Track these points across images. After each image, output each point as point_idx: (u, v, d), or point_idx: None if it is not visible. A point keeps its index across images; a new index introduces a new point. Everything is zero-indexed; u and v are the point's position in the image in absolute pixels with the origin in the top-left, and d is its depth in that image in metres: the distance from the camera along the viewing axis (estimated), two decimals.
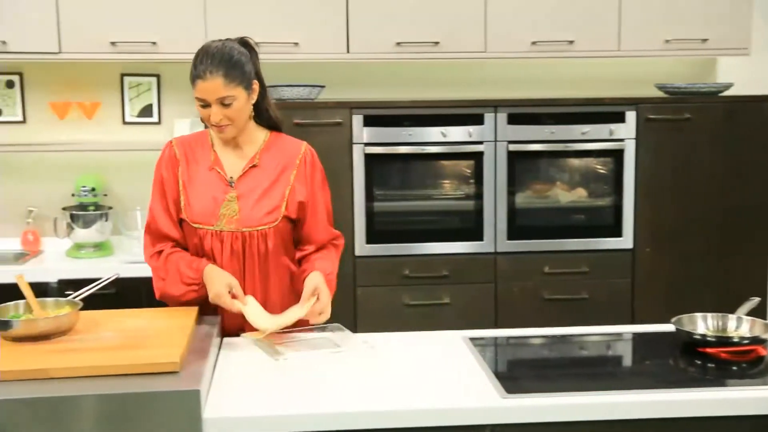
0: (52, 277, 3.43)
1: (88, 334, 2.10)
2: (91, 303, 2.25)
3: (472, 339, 2.34)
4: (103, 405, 1.76)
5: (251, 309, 2.31)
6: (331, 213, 2.57)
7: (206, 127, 2.47)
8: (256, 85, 2.40)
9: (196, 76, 2.29)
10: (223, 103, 2.29)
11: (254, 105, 2.44)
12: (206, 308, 2.36)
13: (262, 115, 2.49)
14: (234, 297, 2.30)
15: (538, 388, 1.98)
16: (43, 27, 3.59)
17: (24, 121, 3.98)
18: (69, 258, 3.74)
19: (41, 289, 2.24)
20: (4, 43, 3.59)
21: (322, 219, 2.51)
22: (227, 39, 2.40)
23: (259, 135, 2.48)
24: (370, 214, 3.71)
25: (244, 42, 2.42)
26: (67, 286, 3.28)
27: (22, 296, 2.19)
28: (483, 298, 3.80)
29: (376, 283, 3.75)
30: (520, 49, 3.82)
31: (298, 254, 2.52)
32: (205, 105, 2.31)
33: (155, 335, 2.08)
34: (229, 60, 2.30)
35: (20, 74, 3.94)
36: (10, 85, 3.93)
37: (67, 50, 3.63)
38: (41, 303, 2.18)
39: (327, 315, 2.35)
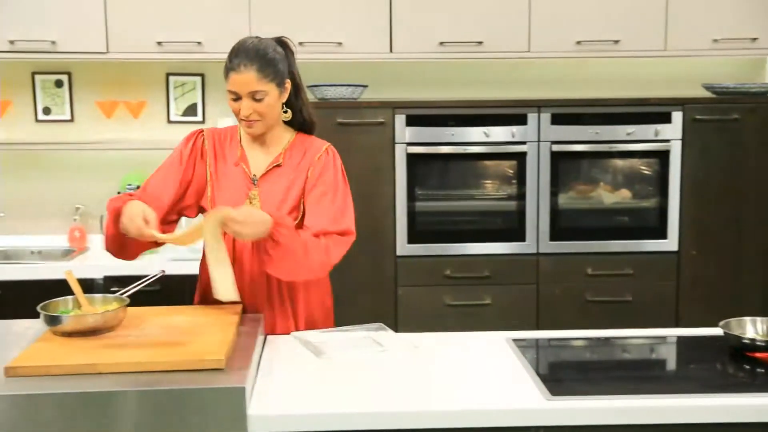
0: (97, 274, 3.48)
1: (135, 330, 2.12)
2: (137, 299, 2.28)
3: (515, 340, 2.32)
4: (149, 400, 1.78)
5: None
6: (344, 211, 2.43)
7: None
8: (288, 84, 2.41)
9: (230, 68, 2.31)
10: (255, 97, 2.31)
11: (289, 105, 2.45)
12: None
13: (297, 115, 2.49)
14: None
15: (583, 391, 1.96)
16: (92, 27, 3.65)
17: (72, 120, 4.04)
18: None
19: (87, 286, 2.26)
20: (53, 43, 3.65)
21: (326, 210, 2.38)
22: (264, 37, 2.41)
23: (286, 135, 2.48)
24: (411, 214, 3.71)
25: (281, 41, 2.43)
26: (112, 283, 3.34)
27: (69, 292, 2.23)
28: (525, 299, 3.77)
29: (418, 283, 3.75)
30: (565, 49, 3.79)
31: None
32: (237, 98, 2.32)
33: (200, 332, 2.09)
34: (264, 56, 2.32)
35: (69, 74, 4.00)
36: (59, 84, 4.00)
37: (114, 50, 3.68)
38: (89, 299, 2.22)
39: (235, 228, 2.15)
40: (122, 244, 2.33)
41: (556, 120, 3.69)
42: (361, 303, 3.69)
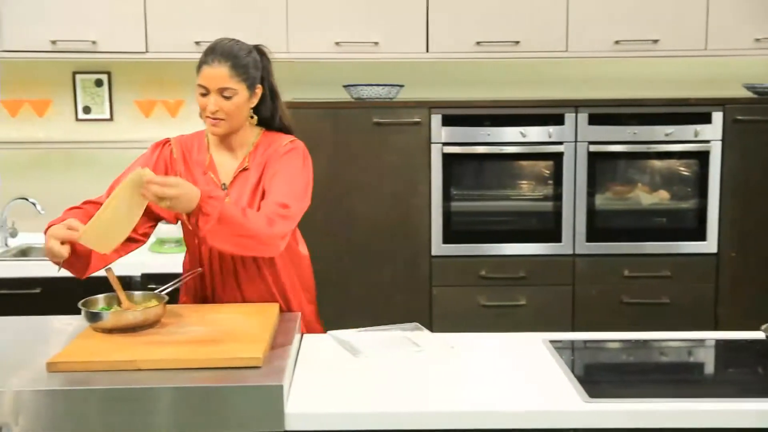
0: (135, 271, 3.51)
1: (173, 327, 2.15)
2: (175, 297, 2.31)
3: (551, 341, 2.31)
4: (188, 397, 1.80)
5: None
6: (293, 191, 2.33)
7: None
8: (259, 90, 2.38)
9: (203, 62, 2.31)
10: (223, 94, 2.29)
11: (265, 111, 2.43)
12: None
13: (275, 122, 2.48)
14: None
15: (621, 393, 1.94)
16: (131, 28, 3.70)
17: (111, 119, 4.09)
18: (152, 252, 3.82)
19: (125, 283, 2.28)
20: (94, 43, 3.70)
21: (275, 190, 2.32)
22: (241, 41, 2.39)
23: (251, 136, 2.45)
24: (447, 214, 3.71)
25: (258, 49, 2.41)
26: (149, 280, 3.37)
27: (108, 289, 2.25)
28: (560, 300, 3.75)
29: (452, 283, 3.74)
30: (603, 49, 3.76)
31: None
32: (206, 93, 2.31)
33: (238, 330, 2.11)
34: (238, 56, 2.32)
35: (108, 73, 4.05)
36: (98, 83, 4.05)
37: (153, 50, 3.72)
38: (129, 296, 2.24)
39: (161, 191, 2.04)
40: (69, 264, 2.23)
41: (594, 120, 3.66)
42: (395, 302, 3.70)
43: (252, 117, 2.42)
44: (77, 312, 2.20)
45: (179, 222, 2.46)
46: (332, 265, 3.67)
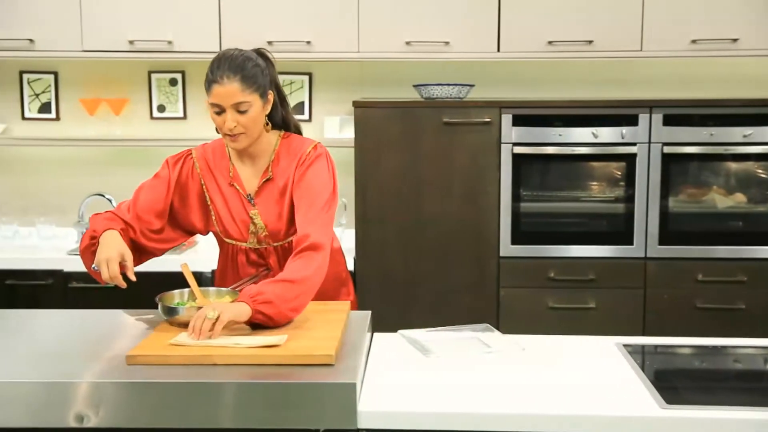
0: (206, 267, 3.57)
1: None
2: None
3: (625, 345, 2.28)
4: (262, 393, 1.82)
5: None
6: (323, 222, 2.30)
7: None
8: (271, 96, 2.36)
9: (212, 80, 2.26)
10: (239, 109, 2.26)
11: (272, 116, 2.42)
12: None
13: (290, 126, 2.48)
14: (123, 269, 2.18)
15: (699, 401, 1.91)
16: (206, 27, 3.76)
17: (185, 117, 4.17)
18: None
19: (195, 278, 2.33)
20: (170, 42, 3.78)
21: (305, 208, 2.31)
22: (244, 49, 2.36)
23: (272, 140, 2.42)
24: (516, 215, 3.68)
25: (260, 53, 2.37)
26: None
27: (180, 284, 2.29)
28: (631, 303, 3.68)
29: (520, 284, 3.71)
30: (679, 48, 3.69)
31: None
32: (220, 111, 2.27)
33: (310, 327, 2.13)
34: (246, 67, 2.27)
35: (182, 72, 4.13)
36: (173, 83, 4.13)
37: None
38: (203, 291, 2.28)
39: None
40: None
41: (669, 121, 3.59)
42: (462, 303, 3.68)
43: (267, 123, 2.40)
44: (149, 306, 2.24)
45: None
46: (400, 265, 3.68)
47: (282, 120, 2.47)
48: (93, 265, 2.22)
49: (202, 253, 3.88)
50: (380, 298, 3.64)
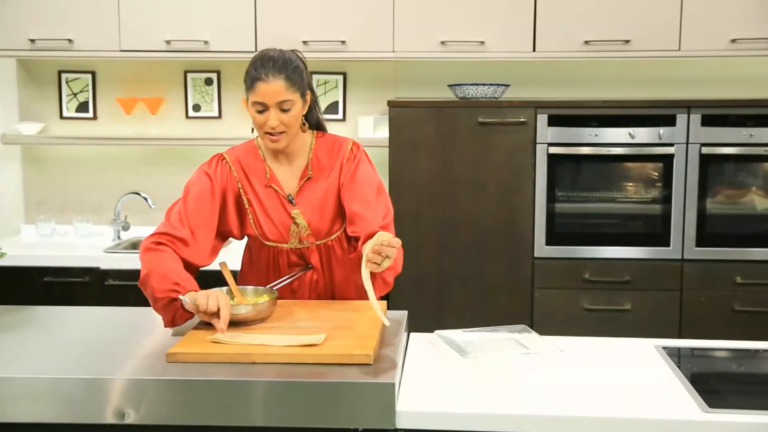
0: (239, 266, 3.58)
1: (284, 322, 2.18)
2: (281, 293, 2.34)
3: (664, 348, 2.25)
4: (302, 391, 1.82)
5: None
6: (389, 214, 2.37)
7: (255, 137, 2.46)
8: (309, 96, 2.37)
9: (256, 78, 2.25)
10: (282, 108, 2.26)
11: (309, 117, 2.44)
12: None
13: (322, 127, 2.50)
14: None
15: (742, 405, 1.88)
16: (242, 27, 3.78)
17: (220, 117, 4.20)
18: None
19: (233, 276, 2.34)
20: (206, 42, 3.80)
21: (365, 204, 2.34)
22: (284, 50, 2.36)
23: (307, 140, 2.43)
24: (551, 216, 3.66)
25: (296, 55, 2.37)
26: None
27: (218, 283, 2.30)
28: (667, 306, 3.65)
29: (555, 285, 3.69)
30: (718, 47, 3.64)
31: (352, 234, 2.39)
32: (262, 110, 2.27)
33: (348, 327, 2.13)
34: (291, 66, 2.28)
35: (218, 72, 4.16)
36: (208, 82, 4.16)
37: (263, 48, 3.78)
38: (242, 290, 2.29)
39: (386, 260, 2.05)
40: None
41: (707, 121, 3.55)
42: (496, 304, 3.67)
43: (304, 124, 2.41)
44: None
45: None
46: (434, 265, 3.67)
47: (316, 121, 2.49)
48: (182, 297, 2.12)
49: (233, 252, 3.88)
50: (413, 298, 3.64)
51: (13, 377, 1.87)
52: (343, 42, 3.76)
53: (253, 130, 2.38)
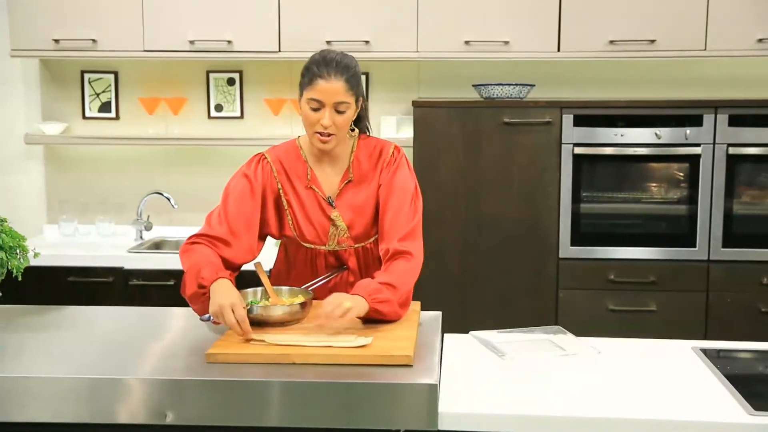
0: (267, 267, 3.58)
1: (321, 322, 2.16)
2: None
3: (702, 350, 2.23)
4: (343, 393, 1.81)
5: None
6: (415, 229, 2.32)
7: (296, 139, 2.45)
8: (361, 102, 2.36)
9: (317, 75, 2.23)
10: (338, 109, 2.25)
11: (361, 124, 2.43)
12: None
13: (369, 132, 2.48)
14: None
15: None
16: (265, 27, 3.78)
17: (242, 117, 4.19)
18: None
19: (256, 278, 2.33)
20: (229, 42, 3.80)
21: (396, 214, 2.32)
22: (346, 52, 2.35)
23: (350, 143, 2.41)
24: (576, 216, 3.64)
25: (355, 61, 2.36)
26: None
27: (247, 283, 2.29)
28: (692, 307, 3.63)
29: (580, 286, 3.67)
30: (744, 47, 3.63)
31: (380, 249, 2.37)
32: (318, 108, 2.25)
33: (385, 327, 2.11)
34: (351, 68, 2.27)
35: (240, 72, 4.15)
36: (231, 82, 4.16)
37: (286, 49, 3.79)
38: (277, 291, 2.28)
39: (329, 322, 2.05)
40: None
41: (734, 121, 3.53)
42: (521, 305, 3.66)
43: (353, 129, 2.39)
44: None
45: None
46: (458, 265, 3.66)
47: (366, 127, 2.48)
48: (206, 315, 2.16)
49: (270, 252, 3.88)
50: (438, 299, 3.58)
51: (50, 377, 1.87)
52: (366, 42, 3.76)
53: (306, 128, 2.35)
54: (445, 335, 2.36)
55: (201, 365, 1.93)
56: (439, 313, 2.39)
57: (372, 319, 2.12)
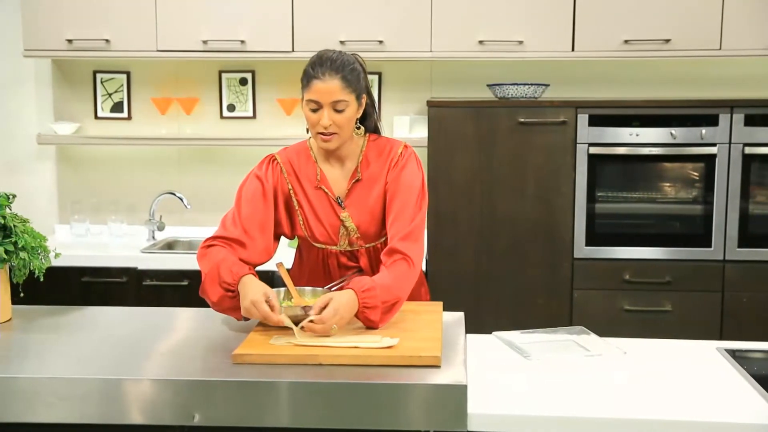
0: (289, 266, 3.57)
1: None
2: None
3: (728, 350, 2.23)
4: (371, 394, 1.81)
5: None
6: (417, 229, 2.30)
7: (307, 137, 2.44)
8: (364, 100, 2.35)
9: (313, 76, 2.24)
10: (336, 108, 2.25)
11: (367, 122, 2.41)
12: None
13: (380, 131, 2.47)
14: (271, 307, 2.09)
15: None
16: (279, 27, 3.77)
17: (254, 117, 4.18)
18: (291, 249, 3.88)
19: (268, 278, 2.31)
20: (242, 42, 3.79)
21: (400, 212, 2.32)
22: (343, 52, 2.35)
23: (359, 142, 2.41)
24: (591, 216, 3.63)
25: (356, 59, 2.36)
26: None
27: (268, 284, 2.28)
28: (708, 307, 3.62)
29: (594, 286, 3.66)
30: (759, 46, 3.61)
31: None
32: (316, 109, 2.26)
33: (410, 328, 2.11)
34: (347, 66, 2.26)
35: (252, 72, 4.14)
36: (243, 82, 4.15)
37: (299, 49, 3.78)
38: (299, 291, 2.27)
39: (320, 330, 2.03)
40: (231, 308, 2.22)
41: (750, 121, 3.52)
42: (535, 304, 3.65)
43: (358, 128, 2.38)
44: None
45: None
46: (472, 265, 3.65)
47: (374, 126, 2.47)
48: (243, 317, 2.16)
49: (290, 252, 3.87)
50: (452, 298, 3.56)
51: (77, 378, 1.86)
52: (380, 42, 3.75)
53: (307, 130, 2.37)
54: (468, 336, 2.35)
55: (227, 366, 1.92)
56: (462, 313, 2.38)
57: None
